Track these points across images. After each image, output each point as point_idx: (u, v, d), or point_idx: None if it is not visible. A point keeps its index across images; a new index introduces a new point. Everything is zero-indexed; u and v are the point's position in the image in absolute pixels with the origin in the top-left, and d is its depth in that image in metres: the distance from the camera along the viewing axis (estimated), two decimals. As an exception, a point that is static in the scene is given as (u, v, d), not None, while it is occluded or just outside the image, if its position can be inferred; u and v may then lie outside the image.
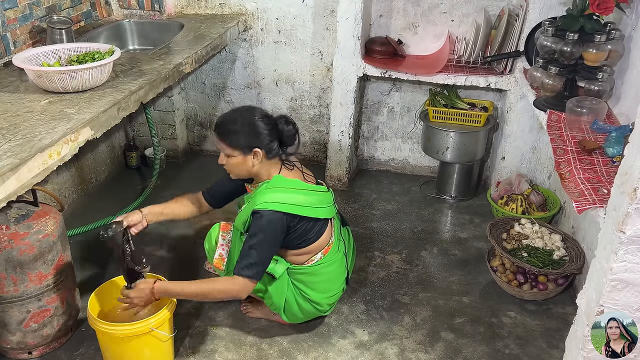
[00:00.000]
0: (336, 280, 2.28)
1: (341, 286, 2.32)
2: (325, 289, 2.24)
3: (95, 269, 2.68)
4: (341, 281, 2.31)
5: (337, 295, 2.31)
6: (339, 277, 2.29)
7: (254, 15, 3.35)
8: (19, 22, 2.60)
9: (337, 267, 2.27)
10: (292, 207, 2.04)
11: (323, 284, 2.23)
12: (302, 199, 2.08)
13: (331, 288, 2.26)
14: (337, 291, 2.30)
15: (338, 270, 2.28)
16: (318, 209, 2.12)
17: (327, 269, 2.22)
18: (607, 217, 1.59)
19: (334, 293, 2.28)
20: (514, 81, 2.95)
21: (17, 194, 1.63)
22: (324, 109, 3.55)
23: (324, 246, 2.20)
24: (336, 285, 2.28)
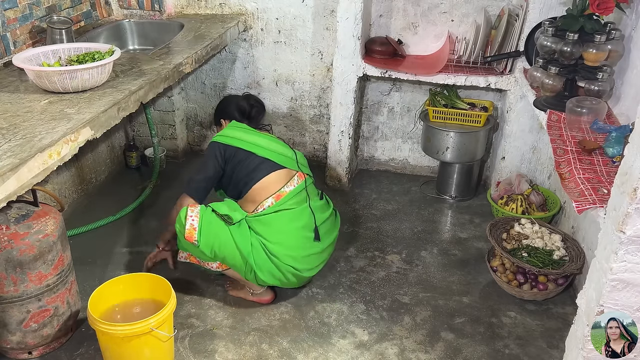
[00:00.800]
0: (293, 234, 2.33)
1: (304, 244, 2.36)
2: (282, 240, 2.31)
3: (95, 269, 2.68)
4: (301, 236, 2.36)
5: (303, 255, 2.35)
6: (297, 232, 2.35)
7: (254, 15, 3.35)
8: (19, 22, 2.60)
9: (292, 218, 2.35)
10: (228, 138, 2.44)
11: (278, 235, 2.31)
12: (241, 134, 2.45)
13: (289, 241, 2.32)
14: (300, 248, 2.34)
15: (294, 222, 2.35)
16: (258, 147, 2.42)
17: (279, 218, 2.33)
18: (607, 217, 1.59)
19: (295, 249, 2.32)
20: (514, 81, 2.95)
21: (17, 194, 1.63)
22: (324, 109, 3.55)
23: (272, 192, 2.36)
24: (294, 239, 2.33)
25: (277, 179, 2.39)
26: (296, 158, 2.50)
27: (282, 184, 2.39)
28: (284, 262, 2.30)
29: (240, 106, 2.61)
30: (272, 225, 2.32)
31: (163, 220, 2.61)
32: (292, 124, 3.65)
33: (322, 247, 2.43)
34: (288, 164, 2.45)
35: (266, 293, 2.48)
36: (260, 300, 2.47)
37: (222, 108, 2.67)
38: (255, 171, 2.38)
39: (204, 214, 2.26)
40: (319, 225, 2.43)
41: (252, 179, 2.37)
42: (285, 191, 2.38)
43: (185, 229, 2.24)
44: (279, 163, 2.42)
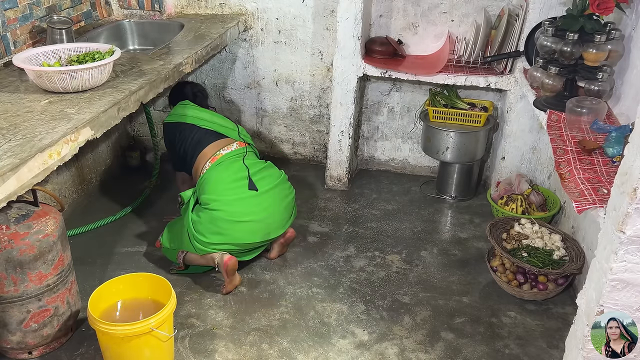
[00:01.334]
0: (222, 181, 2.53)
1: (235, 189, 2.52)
2: (211, 191, 2.51)
3: (95, 269, 2.68)
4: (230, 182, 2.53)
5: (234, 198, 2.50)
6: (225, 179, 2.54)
7: (254, 15, 3.35)
8: (19, 22, 2.60)
9: (222, 169, 2.58)
10: (175, 116, 2.77)
11: (209, 187, 2.53)
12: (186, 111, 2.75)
13: (218, 190, 2.51)
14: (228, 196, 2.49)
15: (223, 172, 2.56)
16: (200, 120, 2.72)
17: (211, 173, 2.58)
18: (607, 217, 1.59)
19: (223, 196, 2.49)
20: (514, 81, 2.95)
21: (17, 194, 1.63)
22: (324, 109, 3.55)
23: (209, 155, 2.63)
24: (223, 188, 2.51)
25: (216, 145, 2.66)
26: (238, 130, 2.77)
27: (219, 148, 2.65)
28: (212, 209, 2.47)
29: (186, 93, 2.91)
30: (205, 180, 2.56)
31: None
32: (292, 124, 3.65)
33: (259, 193, 2.55)
34: (229, 133, 2.73)
35: (222, 256, 2.48)
36: (226, 267, 2.44)
37: (174, 94, 2.97)
38: (199, 142, 2.67)
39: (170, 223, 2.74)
40: (253, 174, 2.58)
41: (196, 149, 2.66)
42: (221, 153, 2.63)
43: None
44: (219, 132, 2.71)
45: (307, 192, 3.39)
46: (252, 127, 3.70)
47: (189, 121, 2.72)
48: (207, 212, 2.48)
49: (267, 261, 2.75)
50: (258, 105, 3.62)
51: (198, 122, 2.72)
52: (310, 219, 3.12)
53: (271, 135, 3.71)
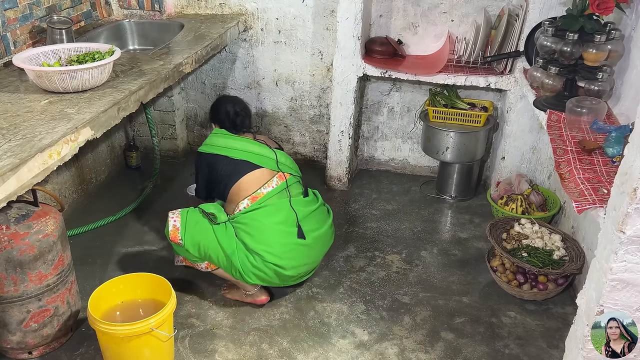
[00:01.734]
0: (270, 229, 2.34)
1: (285, 239, 2.35)
2: (261, 238, 2.32)
3: (95, 269, 2.68)
4: (280, 231, 2.36)
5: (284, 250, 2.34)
6: (275, 226, 2.35)
7: (254, 15, 3.35)
8: (19, 22, 2.60)
9: (269, 213, 2.37)
10: (208, 147, 2.52)
11: (258, 233, 2.33)
12: (218, 140, 2.52)
13: (267, 237, 2.33)
14: (279, 244, 2.34)
15: (270, 217, 2.37)
16: (233, 150, 2.46)
17: (257, 216, 2.36)
18: (607, 217, 1.59)
19: (274, 245, 2.32)
20: (513, 81, 2.95)
21: (17, 194, 1.63)
22: (324, 109, 3.55)
23: (249, 194, 2.40)
24: (272, 234, 2.34)
25: (254, 180, 2.41)
26: (276, 158, 2.50)
27: (259, 185, 2.41)
28: (266, 260, 2.31)
29: (227, 112, 2.59)
30: (250, 224, 2.35)
31: None
32: (292, 124, 3.65)
33: (308, 243, 2.41)
34: (266, 164, 2.46)
35: (260, 293, 2.47)
36: (255, 301, 2.46)
37: (214, 112, 2.67)
38: (233, 172, 2.43)
39: (189, 214, 2.39)
40: (302, 220, 2.42)
41: (230, 179, 2.42)
42: (262, 192, 2.40)
43: (169, 230, 2.36)
44: (255, 163, 2.44)
45: (307, 192, 3.39)
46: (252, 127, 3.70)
47: (221, 152, 2.48)
48: (260, 260, 2.32)
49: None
50: (258, 105, 3.62)
51: (231, 154, 2.46)
52: (310, 219, 3.12)
53: (271, 135, 3.71)
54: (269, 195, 2.40)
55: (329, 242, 2.58)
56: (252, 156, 2.46)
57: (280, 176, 2.47)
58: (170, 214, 2.39)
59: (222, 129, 2.56)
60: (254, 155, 2.46)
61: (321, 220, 2.52)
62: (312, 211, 2.49)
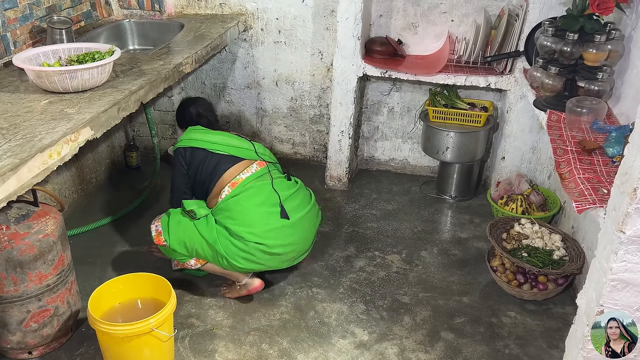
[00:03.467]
0: (252, 210, 2.36)
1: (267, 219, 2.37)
2: (244, 221, 2.34)
3: (95, 269, 2.68)
4: (262, 212, 2.37)
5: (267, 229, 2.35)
6: (256, 208, 2.37)
7: (254, 15, 3.35)
8: (19, 22, 2.60)
9: (250, 196, 2.39)
10: (186, 141, 2.52)
11: (240, 216, 2.35)
12: (197, 135, 2.53)
13: (249, 218, 2.35)
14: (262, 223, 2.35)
15: (252, 199, 2.39)
16: (214, 144, 2.50)
17: (238, 201, 2.38)
18: (607, 217, 1.59)
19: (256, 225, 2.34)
20: (514, 81, 2.95)
21: (17, 194, 1.63)
22: (324, 109, 3.55)
23: (228, 181, 2.44)
24: (254, 215, 2.35)
25: (235, 171, 2.47)
26: (254, 149, 2.56)
27: (237, 173, 2.46)
28: (248, 240, 2.32)
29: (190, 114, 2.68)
30: (232, 209, 2.38)
31: None
32: (292, 124, 3.65)
33: (293, 222, 2.42)
34: (246, 155, 2.52)
35: (252, 281, 2.48)
36: (250, 290, 2.48)
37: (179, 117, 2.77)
38: (216, 169, 2.47)
39: (170, 217, 2.43)
40: (285, 201, 2.44)
41: (213, 176, 2.47)
42: (241, 177, 2.45)
43: (153, 236, 2.42)
44: (236, 155, 2.50)
45: (307, 192, 3.39)
46: (252, 127, 3.70)
47: (202, 146, 2.50)
48: (242, 242, 2.33)
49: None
50: (258, 105, 3.63)
51: (211, 147, 2.50)
52: (310, 219, 3.12)
53: (271, 135, 3.72)
54: (249, 179, 2.45)
55: (316, 221, 2.59)
56: (232, 149, 2.52)
57: (260, 163, 2.53)
58: (152, 223, 2.45)
59: (194, 126, 2.60)
60: (234, 149, 2.52)
61: (305, 200, 2.55)
62: (294, 192, 2.52)
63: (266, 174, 2.50)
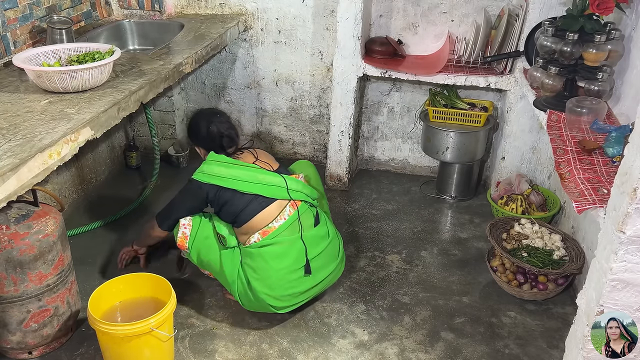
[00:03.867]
0: (276, 273, 2.22)
1: (288, 284, 2.25)
2: (265, 280, 2.22)
3: (95, 269, 2.68)
4: (286, 276, 2.24)
5: (283, 294, 2.26)
6: (281, 271, 2.23)
7: (254, 15, 3.35)
8: (19, 22, 2.60)
9: (279, 255, 2.24)
10: (208, 176, 2.28)
11: (263, 273, 2.22)
12: (220, 170, 2.28)
13: (271, 279, 2.22)
14: (281, 288, 2.24)
15: (280, 260, 2.23)
16: (242, 183, 2.26)
17: (264, 257, 2.23)
18: (607, 217, 1.59)
19: (275, 289, 2.23)
20: (514, 81, 2.95)
21: (17, 194, 1.63)
22: (324, 109, 3.55)
23: (260, 227, 2.27)
24: (276, 279, 2.22)
25: (267, 215, 2.28)
26: (286, 185, 2.31)
27: (270, 219, 2.27)
28: (261, 297, 2.25)
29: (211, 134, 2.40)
30: (257, 261, 2.25)
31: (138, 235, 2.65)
32: (292, 124, 3.65)
33: (312, 284, 2.32)
34: (278, 194, 2.30)
35: None
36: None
37: (194, 134, 2.48)
38: (243, 212, 2.26)
39: (201, 226, 2.33)
40: (312, 259, 2.31)
41: (242, 219, 2.27)
42: (273, 226, 2.27)
43: (177, 237, 2.34)
44: (267, 196, 2.28)
45: (307, 192, 3.39)
46: (252, 127, 3.71)
47: (227, 185, 2.26)
48: (257, 297, 2.25)
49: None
50: (258, 105, 3.63)
51: (239, 186, 2.25)
52: (310, 219, 3.12)
53: (271, 135, 3.71)
54: (281, 229, 2.26)
55: (336, 276, 2.48)
56: (263, 188, 2.27)
57: (292, 204, 2.32)
58: (182, 220, 2.31)
59: (217, 155, 2.34)
60: (265, 187, 2.28)
61: (333, 256, 2.41)
62: (324, 248, 2.35)
63: (296, 221, 2.30)
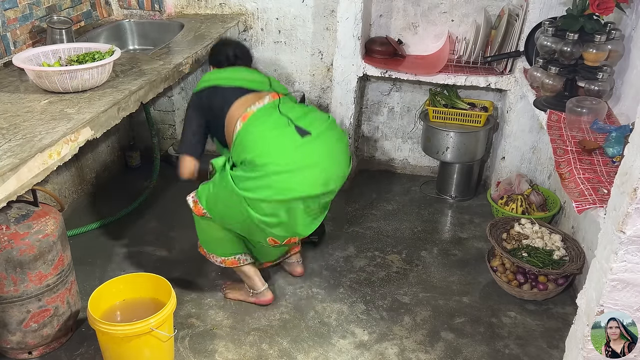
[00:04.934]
0: (262, 135, 2.17)
1: (285, 144, 2.16)
2: (252, 146, 2.15)
3: (95, 269, 2.68)
4: (277, 139, 2.17)
5: (287, 155, 2.14)
6: (270, 135, 2.17)
7: (254, 15, 3.35)
8: (19, 22, 2.60)
9: (258, 122, 2.20)
10: (200, 83, 2.40)
11: (250, 142, 2.17)
12: (210, 76, 2.41)
13: (259, 142, 2.15)
14: (279, 151, 2.15)
15: (261, 127, 2.19)
16: (222, 79, 2.37)
17: (247, 129, 2.20)
18: (607, 217, 1.59)
19: (274, 155, 2.13)
20: (514, 81, 2.95)
21: (17, 194, 1.64)
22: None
23: (239, 114, 2.25)
24: (271, 144, 2.15)
25: (245, 102, 2.29)
26: (269, 82, 2.40)
27: (249, 104, 2.27)
28: (260, 163, 2.12)
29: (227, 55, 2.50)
30: (244, 139, 2.19)
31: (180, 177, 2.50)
32: (292, 124, 3.65)
33: (315, 137, 2.20)
34: (258, 86, 2.36)
35: (267, 292, 2.46)
36: (260, 300, 2.46)
37: (213, 53, 2.58)
38: (224, 102, 2.30)
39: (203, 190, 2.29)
40: (297, 119, 2.22)
41: (223, 111, 2.29)
42: (252, 110, 2.24)
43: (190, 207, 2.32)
44: (246, 87, 2.33)
45: (307, 192, 3.39)
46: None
47: (212, 84, 2.36)
48: (253, 167, 2.13)
49: (267, 261, 2.75)
50: (258, 105, 3.62)
51: (221, 82, 2.35)
52: (310, 219, 3.11)
53: (271, 135, 3.71)
54: (261, 110, 2.25)
55: (344, 139, 2.37)
56: (243, 82, 2.35)
57: (274, 95, 2.32)
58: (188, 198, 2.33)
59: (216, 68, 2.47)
60: (245, 81, 2.36)
61: (323, 117, 2.33)
62: (307, 112, 2.30)
63: (277, 106, 2.29)
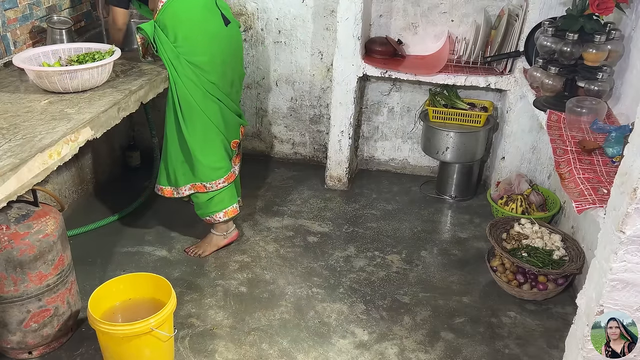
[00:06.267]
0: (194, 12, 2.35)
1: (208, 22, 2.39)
2: (187, 23, 2.33)
3: (95, 269, 2.68)
4: (204, 14, 2.37)
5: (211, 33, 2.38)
6: (198, 13, 2.36)
7: (254, 15, 3.35)
8: (19, 22, 2.60)
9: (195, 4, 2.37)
10: None
11: (186, 21, 2.35)
12: None
13: (196, 28, 2.35)
14: (206, 22, 2.39)
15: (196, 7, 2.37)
16: None
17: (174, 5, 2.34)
18: (607, 217, 1.59)
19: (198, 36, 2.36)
20: (513, 81, 2.95)
21: (17, 194, 1.64)
22: (324, 109, 3.55)
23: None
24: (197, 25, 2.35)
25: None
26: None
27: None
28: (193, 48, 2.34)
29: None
30: (177, 12, 2.35)
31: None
32: (292, 124, 3.65)
33: (227, 31, 2.46)
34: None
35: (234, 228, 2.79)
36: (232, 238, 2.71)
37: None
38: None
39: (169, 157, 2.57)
40: (223, 8, 2.46)
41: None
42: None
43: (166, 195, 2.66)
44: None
45: (307, 192, 3.39)
46: (252, 127, 3.70)
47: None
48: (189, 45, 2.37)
49: (267, 261, 2.75)
50: (258, 105, 3.63)
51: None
52: (310, 219, 3.12)
53: (271, 135, 3.72)
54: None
55: (240, 38, 2.62)
56: None
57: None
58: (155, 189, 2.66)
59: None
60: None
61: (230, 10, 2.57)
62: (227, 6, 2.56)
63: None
